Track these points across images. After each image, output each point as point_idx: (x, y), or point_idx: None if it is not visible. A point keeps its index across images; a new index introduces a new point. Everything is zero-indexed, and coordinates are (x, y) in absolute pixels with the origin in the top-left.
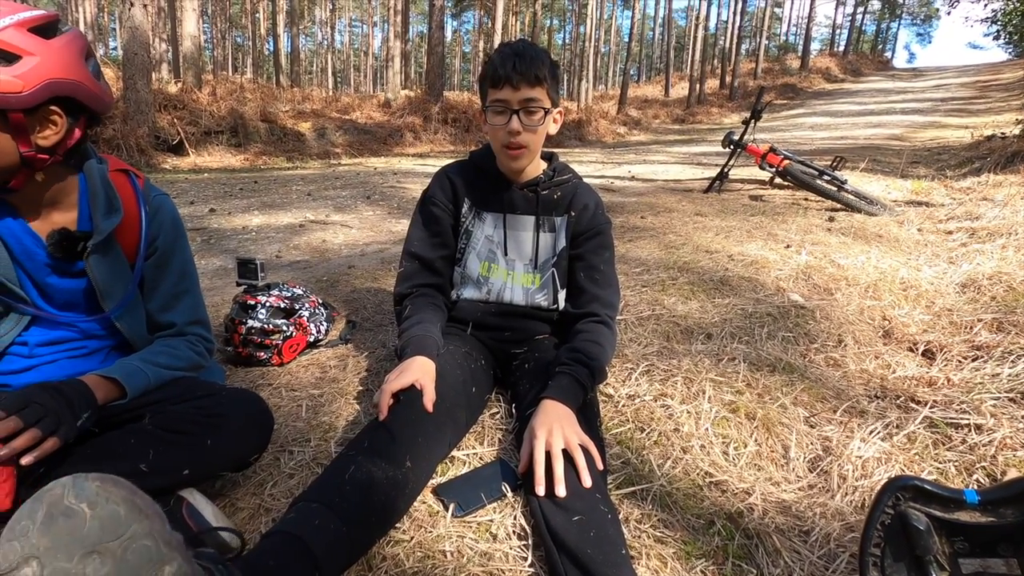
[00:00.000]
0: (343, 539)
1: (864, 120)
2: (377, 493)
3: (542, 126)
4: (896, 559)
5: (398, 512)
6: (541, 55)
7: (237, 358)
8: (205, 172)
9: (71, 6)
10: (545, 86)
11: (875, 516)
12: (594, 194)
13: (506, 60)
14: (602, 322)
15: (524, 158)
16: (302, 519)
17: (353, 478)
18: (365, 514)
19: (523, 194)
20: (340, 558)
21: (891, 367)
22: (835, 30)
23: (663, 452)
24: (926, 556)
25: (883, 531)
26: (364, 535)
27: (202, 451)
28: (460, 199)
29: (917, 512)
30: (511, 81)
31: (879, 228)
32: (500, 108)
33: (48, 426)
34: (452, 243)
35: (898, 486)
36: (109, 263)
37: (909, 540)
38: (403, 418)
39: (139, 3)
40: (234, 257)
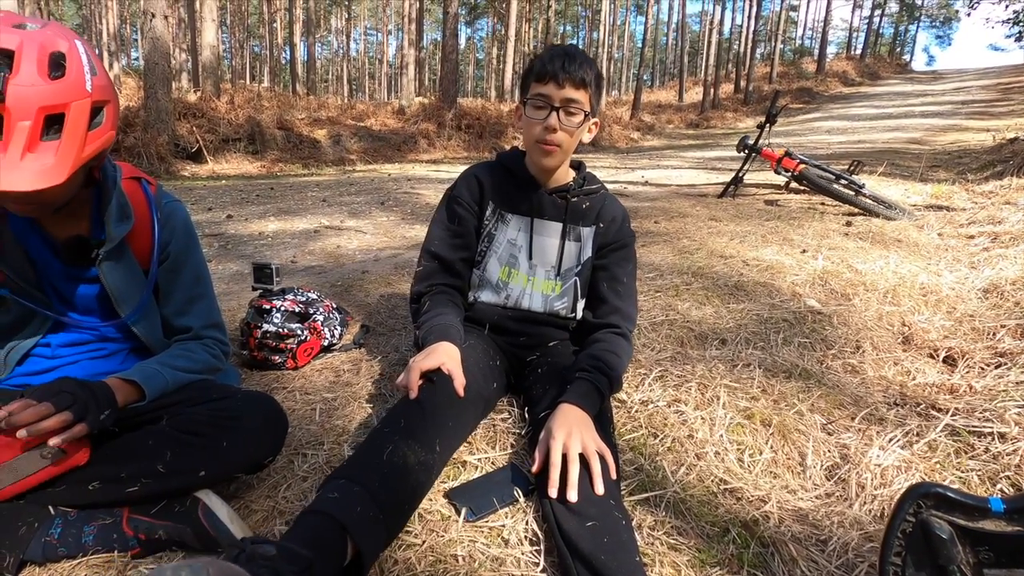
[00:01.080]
0: (380, 527)
1: (882, 124)
2: (411, 478)
3: (579, 129)
4: (918, 568)
5: (422, 498)
6: (590, 62)
7: (252, 361)
8: (223, 179)
9: (95, 18)
10: (589, 91)
11: (895, 524)
12: (621, 206)
13: (555, 58)
14: (621, 334)
15: (555, 157)
16: (345, 504)
17: (391, 461)
18: (399, 501)
19: (552, 200)
20: (377, 547)
21: (911, 374)
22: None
23: (677, 458)
24: (950, 566)
25: (904, 540)
26: (396, 522)
27: (218, 452)
28: (485, 201)
29: (940, 520)
30: (556, 78)
31: (898, 233)
32: (541, 103)
33: (78, 412)
34: (474, 245)
35: (919, 493)
36: (122, 269)
37: (931, 549)
38: (436, 401)
39: (160, 15)
40: (250, 262)
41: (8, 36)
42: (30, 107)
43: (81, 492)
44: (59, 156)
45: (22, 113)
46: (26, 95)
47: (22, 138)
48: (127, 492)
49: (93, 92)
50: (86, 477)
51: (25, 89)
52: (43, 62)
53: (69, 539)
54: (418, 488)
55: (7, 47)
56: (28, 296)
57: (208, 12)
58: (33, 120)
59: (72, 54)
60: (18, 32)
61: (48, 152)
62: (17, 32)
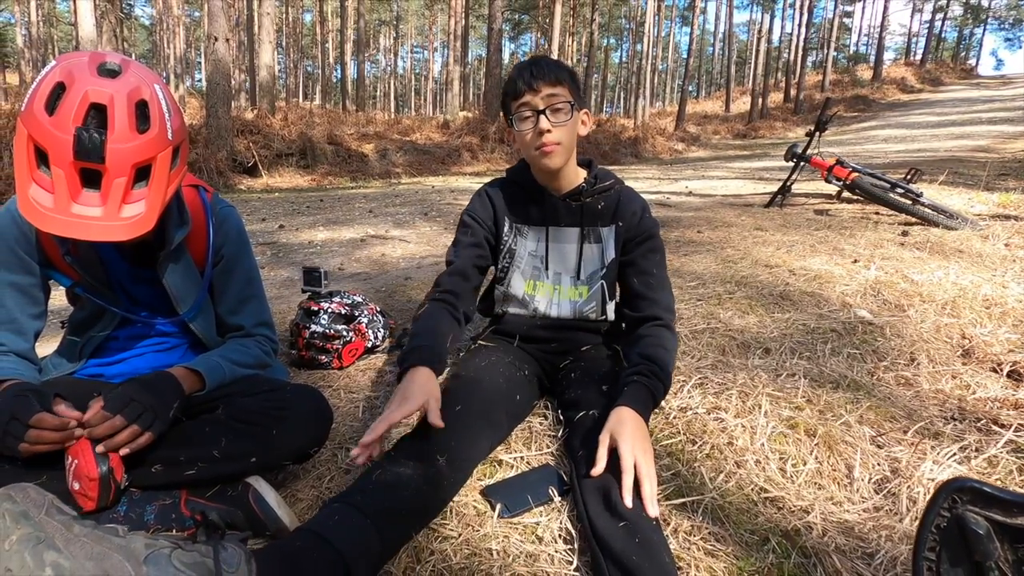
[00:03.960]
0: (371, 535)
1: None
2: (405, 489)
3: (571, 120)
4: (953, 564)
5: (434, 505)
6: (556, 61)
7: (300, 361)
8: (276, 192)
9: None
10: (566, 84)
11: (929, 519)
12: (639, 198)
13: (522, 70)
14: (665, 325)
15: (558, 155)
16: (324, 518)
17: (377, 479)
18: (391, 508)
19: (566, 205)
20: (370, 551)
21: (970, 388)
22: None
23: (715, 465)
24: (987, 562)
25: (938, 535)
26: (396, 529)
27: (268, 440)
28: (500, 218)
29: (976, 516)
30: (531, 86)
31: (960, 243)
32: (526, 112)
33: (145, 422)
34: (487, 253)
35: (954, 488)
36: (181, 270)
37: (967, 545)
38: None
39: (222, 38)
40: (300, 270)
41: (100, 90)
42: (125, 165)
43: (145, 474)
44: (149, 204)
45: (118, 171)
46: (121, 154)
47: (119, 193)
48: (185, 475)
49: (173, 138)
50: (150, 460)
51: (120, 148)
52: (132, 116)
53: (132, 516)
54: (419, 496)
55: (100, 101)
56: (99, 294)
57: (266, 34)
58: (127, 175)
59: (153, 101)
60: (108, 83)
61: (139, 201)
62: (107, 83)
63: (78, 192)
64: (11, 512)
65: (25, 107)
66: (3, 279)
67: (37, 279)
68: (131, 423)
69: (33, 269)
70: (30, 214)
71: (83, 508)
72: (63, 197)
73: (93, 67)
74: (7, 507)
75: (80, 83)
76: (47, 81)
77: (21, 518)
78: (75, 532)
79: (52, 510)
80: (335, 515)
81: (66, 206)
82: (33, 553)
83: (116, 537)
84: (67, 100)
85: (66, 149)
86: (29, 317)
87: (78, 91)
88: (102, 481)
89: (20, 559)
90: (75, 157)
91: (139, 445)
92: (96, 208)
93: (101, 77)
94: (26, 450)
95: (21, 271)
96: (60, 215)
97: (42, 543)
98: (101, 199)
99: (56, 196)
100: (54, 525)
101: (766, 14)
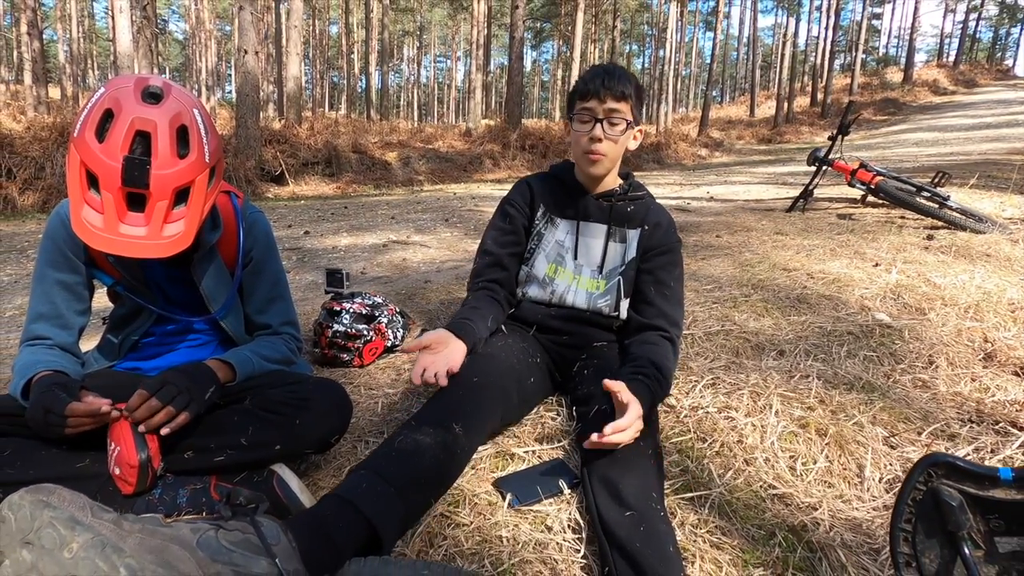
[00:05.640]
0: (393, 500)
1: (979, 134)
2: (424, 457)
3: (623, 137)
4: (928, 535)
5: (452, 471)
6: (628, 76)
7: (323, 359)
8: (302, 200)
9: (195, 57)
10: (629, 102)
11: (906, 492)
12: (667, 213)
13: (596, 75)
14: (669, 339)
15: (602, 164)
16: (352, 484)
17: (399, 446)
18: (413, 476)
19: (598, 203)
20: (394, 515)
21: (989, 391)
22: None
23: (724, 462)
24: (959, 531)
25: (915, 507)
26: (417, 495)
27: (292, 429)
28: (536, 204)
29: (950, 488)
30: (598, 94)
31: (987, 247)
32: (586, 116)
33: (180, 403)
34: (523, 241)
35: (930, 462)
36: (213, 271)
37: (941, 516)
38: (449, 393)
39: (251, 50)
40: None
41: (145, 117)
42: (167, 189)
43: (178, 459)
44: (188, 223)
45: (161, 195)
46: (163, 179)
47: (161, 214)
48: (215, 461)
49: (210, 160)
50: (183, 446)
51: (162, 174)
52: (173, 142)
53: (167, 499)
54: (438, 464)
55: (145, 129)
56: (138, 293)
57: (293, 47)
58: (168, 199)
59: (192, 125)
60: (151, 109)
61: (179, 220)
62: (151, 109)
63: (124, 213)
64: (59, 519)
65: (77, 133)
66: (52, 277)
67: (83, 277)
68: (167, 404)
69: (79, 268)
70: (82, 233)
71: (122, 491)
72: (111, 218)
73: (138, 92)
74: (51, 514)
75: (127, 111)
76: (97, 108)
77: (75, 524)
78: (126, 528)
79: (96, 510)
80: (362, 482)
81: (114, 226)
82: (103, 557)
83: (162, 527)
84: (115, 127)
85: (115, 176)
86: (75, 313)
87: (125, 119)
88: (140, 468)
89: (92, 566)
90: (123, 183)
91: (177, 425)
92: (140, 228)
93: (145, 103)
94: (70, 433)
95: (68, 270)
96: (109, 234)
97: (107, 547)
98: (145, 219)
99: (105, 216)
100: (107, 525)
101: (791, 17)
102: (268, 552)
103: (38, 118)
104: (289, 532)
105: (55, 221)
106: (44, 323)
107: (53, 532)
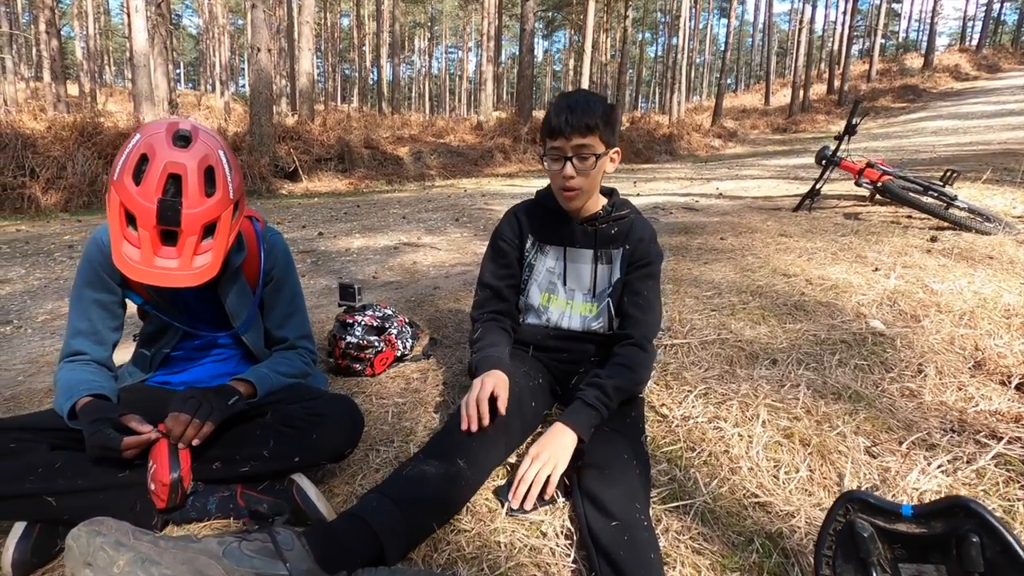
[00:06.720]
0: (398, 520)
1: (1001, 122)
2: (429, 485)
3: (595, 170)
4: (845, 560)
5: (454, 501)
6: (594, 104)
7: (337, 369)
8: (315, 197)
9: (209, 52)
10: (597, 133)
11: (828, 523)
12: (649, 228)
13: (560, 112)
14: (636, 344)
15: (578, 199)
16: (364, 504)
17: (407, 475)
18: (419, 501)
19: (583, 228)
20: (399, 534)
21: (974, 400)
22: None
23: (711, 471)
24: (870, 558)
25: (835, 536)
26: (420, 518)
27: (309, 442)
28: (525, 235)
29: (863, 521)
30: (563, 132)
31: (991, 248)
32: (556, 155)
33: (203, 414)
34: (517, 273)
35: (848, 499)
36: (237, 290)
37: (856, 545)
38: (455, 430)
39: (264, 48)
40: (336, 278)
41: (176, 161)
42: (196, 225)
43: (207, 469)
44: (215, 254)
45: (191, 231)
46: (193, 217)
47: (191, 248)
48: (240, 471)
49: (233, 196)
50: (211, 458)
51: (192, 213)
52: (201, 183)
53: (198, 505)
54: (442, 492)
55: (176, 172)
56: (166, 311)
57: (305, 42)
58: (197, 233)
59: (218, 165)
60: (182, 153)
61: (207, 252)
62: (181, 153)
63: (159, 248)
64: (107, 543)
65: (117, 176)
66: (90, 297)
67: (117, 297)
68: (194, 417)
69: (114, 289)
70: (123, 266)
71: (156, 506)
72: (147, 252)
73: (169, 137)
74: (101, 540)
75: (160, 156)
76: (133, 153)
77: (119, 546)
78: (162, 546)
79: (137, 533)
80: (372, 502)
81: (150, 260)
82: (144, 570)
83: (194, 543)
84: (150, 171)
85: (150, 216)
86: (109, 330)
87: (159, 163)
88: (172, 486)
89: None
90: (157, 222)
91: (204, 435)
92: (173, 260)
93: (176, 147)
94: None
95: (104, 290)
96: (145, 267)
97: (146, 561)
98: (177, 252)
99: (142, 251)
100: (146, 545)
101: (807, 3)
102: (282, 557)
103: (59, 118)
104: (304, 539)
105: (92, 246)
106: (82, 339)
107: (104, 554)
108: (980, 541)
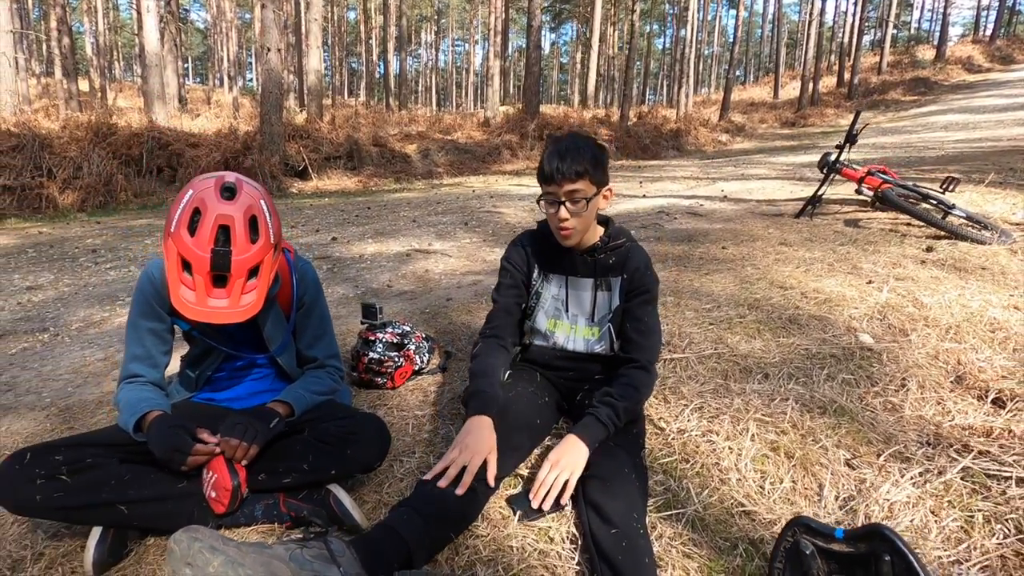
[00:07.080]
0: (424, 530)
1: (1012, 116)
2: (450, 504)
3: (587, 211)
4: (793, 573)
5: (471, 515)
6: (582, 149)
7: (360, 382)
8: (325, 196)
9: (217, 47)
10: (587, 177)
11: (780, 542)
12: (644, 255)
13: (551, 160)
14: (641, 367)
15: (574, 237)
16: (396, 516)
17: (430, 491)
18: (441, 516)
19: (583, 259)
20: (424, 543)
21: (951, 414)
22: (980, 12)
23: (702, 482)
24: (811, 572)
25: (785, 553)
26: (441, 531)
27: (343, 457)
28: (532, 264)
29: (806, 541)
30: (554, 179)
31: (984, 259)
32: (551, 200)
33: (249, 437)
34: (523, 289)
35: (795, 523)
36: (272, 316)
37: (801, 561)
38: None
39: (275, 48)
40: (352, 287)
41: (225, 213)
42: (243, 269)
43: (253, 480)
44: (259, 292)
45: (239, 275)
46: (241, 263)
47: (239, 289)
48: (282, 481)
49: (274, 240)
50: (256, 470)
51: (240, 259)
52: (247, 231)
53: (246, 511)
54: (459, 510)
55: (226, 223)
56: (210, 336)
57: (313, 40)
58: (244, 276)
59: (260, 214)
60: (229, 205)
61: (252, 291)
62: (229, 205)
63: (211, 290)
64: (204, 547)
65: (174, 228)
66: (144, 325)
67: (167, 325)
68: (242, 440)
69: (164, 317)
70: (181, 307)
71: (215, 511)
72: (202, 295)
73: (217, 191)
74: (199, 544)
75: (211, 209)
76: (187, 208)
77: (214, 550)
78: (244, 550)
79: (224, 539)
80: (403, 515)
81: (204, 301)
82: (233, 569)
83: (267, 548)
84: (203, 224)
85: (204, 263)
86: (161, 354)
87: (210, 216)
88: (233, 491)
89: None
90: (211, 269)
91: (251, 456)
92: (223, 300)
93: (223, 200)
94: (188, 468)
95: (155, 319)
96: (200, 307)
97: (234, 563)
98: (227, 293)
99: (197, 293)
100: (233, 549)
101: None
102: (336, 562)
103: (73, 117)
104: (352, 548)
105: (144, 280)
106: (138, 363)
107: (201, 556)
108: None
